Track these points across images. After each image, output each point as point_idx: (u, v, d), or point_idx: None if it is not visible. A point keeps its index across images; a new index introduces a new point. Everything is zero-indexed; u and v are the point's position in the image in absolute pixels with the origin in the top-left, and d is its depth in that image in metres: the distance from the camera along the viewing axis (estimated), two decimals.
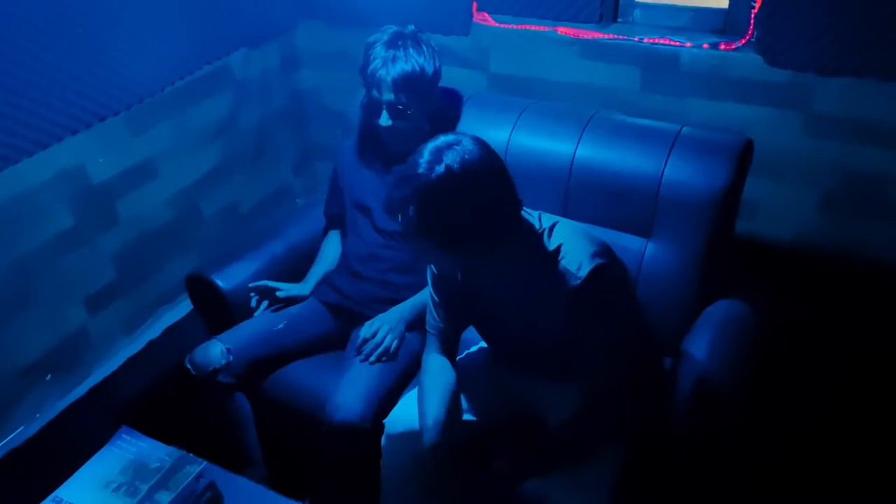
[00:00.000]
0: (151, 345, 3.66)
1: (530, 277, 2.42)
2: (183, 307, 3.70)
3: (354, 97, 3.36)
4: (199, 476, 2.53)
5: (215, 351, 3.06)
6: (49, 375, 3.31)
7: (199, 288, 3.33)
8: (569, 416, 2.51)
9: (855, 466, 3.32)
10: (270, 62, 4.13)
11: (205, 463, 2.57)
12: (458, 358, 2.83)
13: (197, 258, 3.76)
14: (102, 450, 2.63)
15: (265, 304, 3.32)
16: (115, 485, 2.51)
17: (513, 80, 3.74)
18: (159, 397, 3.51)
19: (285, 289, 3.30)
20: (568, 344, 2.48)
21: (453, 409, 2.62)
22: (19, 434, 3.23)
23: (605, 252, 2.42)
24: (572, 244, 2.39)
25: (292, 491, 3.08)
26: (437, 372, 2.69)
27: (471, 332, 2.83)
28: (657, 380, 2.74)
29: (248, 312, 3.28)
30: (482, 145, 2.27)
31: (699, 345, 2.81)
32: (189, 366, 3.07)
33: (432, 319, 2.74)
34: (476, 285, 2.55)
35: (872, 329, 3.37)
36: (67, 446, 2.88)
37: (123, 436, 2.68)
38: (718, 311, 2.99)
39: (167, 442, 2.71)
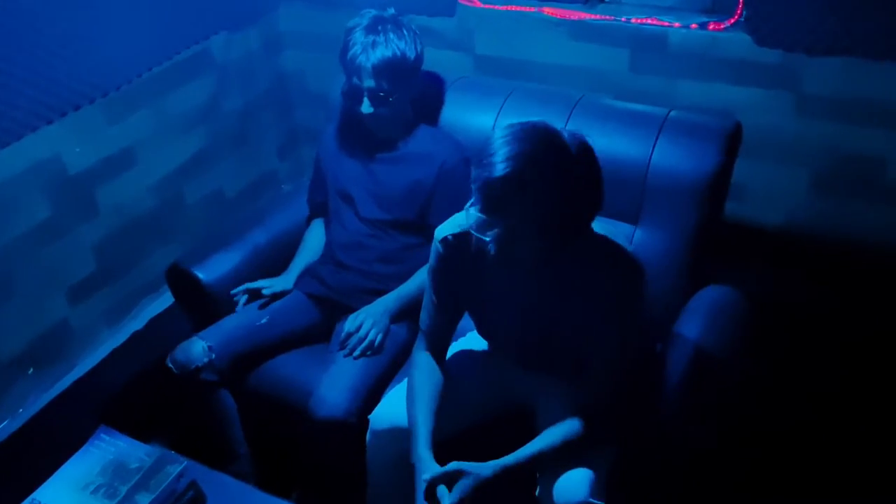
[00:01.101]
0: (135, 336, 3.63)
1: (565, 272, 2.37)
2: (168, 297, 3.63)
3: (338, 79, 3.29)
4: (179, 476, 2.48)
5: (197, 349, 3.00)
6: (31, 369, 3.28)
7: (180, 280, 3.27)
8: (559, 410, 2.46)
9: (854, 463, 3.27)
10: (252, 45, 4.07)
11: (186, 462, 2.52)
12: (451, 350, 2.77)
13: (181, 246, 3.71)
14: (81, 450, 2.58)
15: (245, 298, 3.26)
16: (93, 486, 2.46)
17: (499, 62, 3.69)
18: (144, 391, 3.46)
19: (268, 286, 3.23)
20: (578, 340, 2.44)
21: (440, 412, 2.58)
22: (1, 430, 3.20)
23: (637, 256, 2.40)
24: (615, 246, 2.37)
25: (279, 484, 3.07)
26: (427, 375, 2.63)
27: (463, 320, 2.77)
28: (651, 371, 2.70)
29: (230, 305, 3.22)
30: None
31: (690, 327, 2.79)
32: (171, 365, 3.01)
33: (427, 318, 2.67)
34: (496, 277, 2.49)
35: (867, 313, 3.34)
36: (50, 442, 2.84)
37: (102, 435, 2.62)
38: (709, 295, 2.96)
39: (152, 436, 2.68)
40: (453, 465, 2.34)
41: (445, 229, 2.49)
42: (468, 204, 2.22)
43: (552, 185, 2.09)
